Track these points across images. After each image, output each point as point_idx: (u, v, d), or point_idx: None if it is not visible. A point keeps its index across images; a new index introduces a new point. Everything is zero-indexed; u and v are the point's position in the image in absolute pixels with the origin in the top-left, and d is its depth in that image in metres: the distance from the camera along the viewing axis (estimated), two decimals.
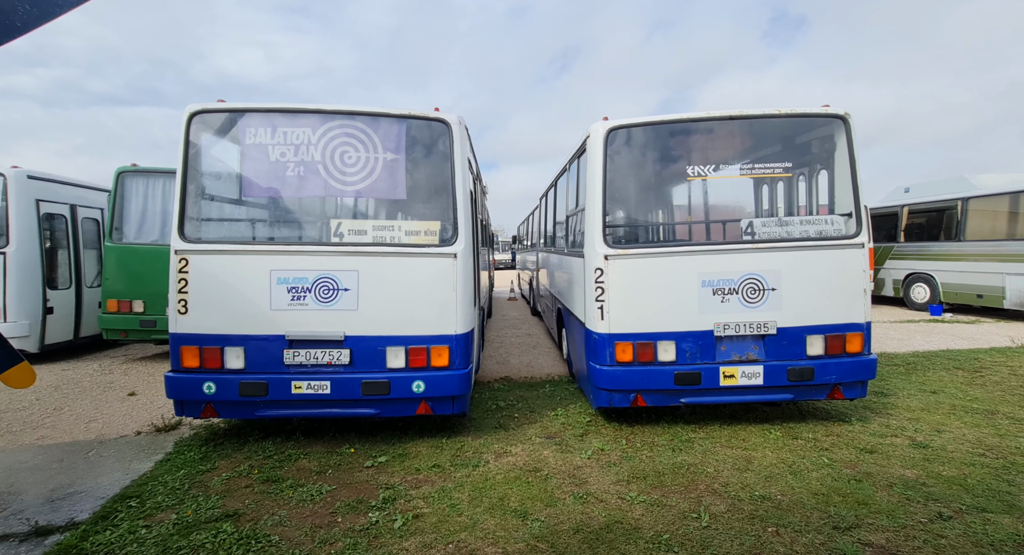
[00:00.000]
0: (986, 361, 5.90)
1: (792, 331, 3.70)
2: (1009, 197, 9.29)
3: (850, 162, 3.76)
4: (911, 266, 11.20)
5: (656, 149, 3.89)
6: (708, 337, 3.70)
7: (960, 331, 8.19)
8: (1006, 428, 3.76)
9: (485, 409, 4.51)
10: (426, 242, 3.63)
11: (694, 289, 3.69)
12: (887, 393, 4.73)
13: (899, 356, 6.32)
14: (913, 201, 11.48)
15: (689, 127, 3.84)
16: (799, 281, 3.70)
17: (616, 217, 3.86)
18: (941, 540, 2.32)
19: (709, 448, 3.51)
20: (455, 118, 3.70)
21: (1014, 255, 9.03)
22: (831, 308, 3.72)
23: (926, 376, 5.32)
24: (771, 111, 3.76)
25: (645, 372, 3.71)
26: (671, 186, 3.97)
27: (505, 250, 28.12)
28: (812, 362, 3.69)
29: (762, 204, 4.27)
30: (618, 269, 3.72)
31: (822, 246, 3.73)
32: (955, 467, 3.10)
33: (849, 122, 3.76)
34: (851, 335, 3.73)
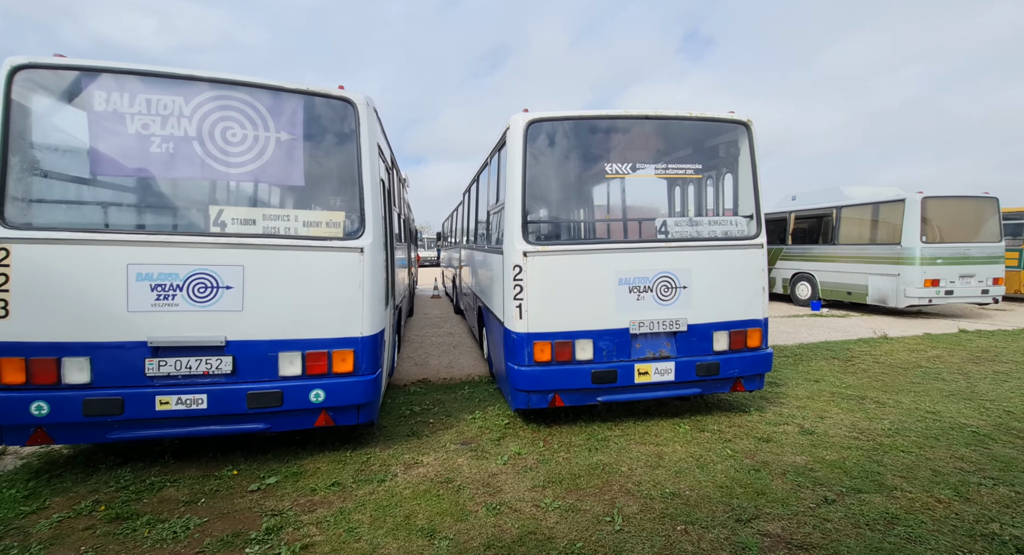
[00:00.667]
0: (856, 351, 6.69)
1: (701, 328, 3.84)
2: (871, 207, 10.73)
3: (752, 167, 3.98)
4: (796, 266, 12.56)
5: (576, 145, 3.84)
6: (624, 335, 3.72)
7: (835, 324, 9.28)
8: (873, 412, 4.22)
9: (398, 415, 4.20)
10: (328, 234, 3.24)
11: (612, 287, 3.69)
12: (779, 383, 5.14)
13: (788, 348, 6.96)
14: (798, 208, 12.87)
15: (608, 124, 3.83)
16: (707, 279, 3.85)
17: (536, 213, 3.74)
18: (827, 524, 2.47)
19: (624, 446, 3.52)
20: (362, 98, 3.34)
21: (875, 257, 10.45)
22: (734, 305, 3.92)
23: (810, 366, 5.89)
24: (683, 113, 3.86)
25: (563, 371, 3.64)
26: (590, 183, 3.96)
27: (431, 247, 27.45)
28: (718, 357, 3.86)
29: (675, 204, 4.42)
30: (537, 266, 3.61)
31: (728, 246, 3.91)
32: (836, 451, 3.38)
33: (751, 128, 3.98)
34: (751, 331, 3.96)
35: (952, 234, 9.85)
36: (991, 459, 3.23)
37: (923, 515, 2.55)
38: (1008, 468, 3.10)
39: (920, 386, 4.99)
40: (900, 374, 5.46)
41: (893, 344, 7.11)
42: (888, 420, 3.99)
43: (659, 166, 3.90)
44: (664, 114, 3.82)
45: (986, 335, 7.90)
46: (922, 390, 4.84)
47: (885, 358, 6.26)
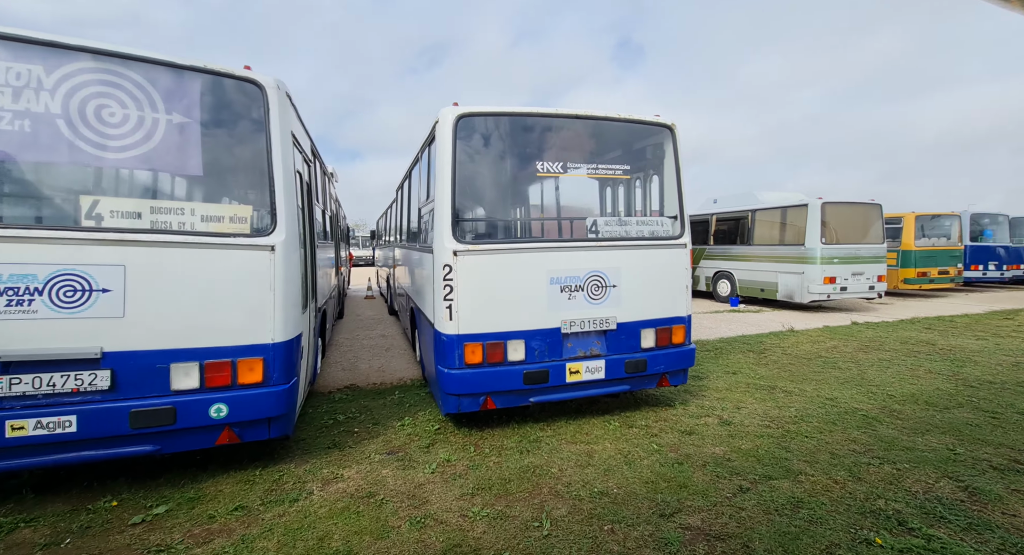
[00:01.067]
0: (768, 344, 7.25)
1: (630, 326, 3.92)
2: (780, 211, 11.74)
3: (676, 169, 4.13)
4: (718, 265, 13.47)
5: (508, 141, 3.76)
6: (556, 334, 3.70)
7: (750, 319, 10.03)
8: (782, 401, 4.55)
9: (319, 426, 3.90)
10: (233, 230, 2.91)
11: (543, 287, 3.65)
12: (702, 376, 5.42)
13: (710, 343, 7.40)
14: (719, 211, 13.82)
15: (539, 122, 3.79)
16: (635, 278, 3.93)
17: (467, 211, 3.62)
18: (742, 513, 2.58)
19: (555, 446, 3.50)
20: (271, 81, 3.03)
21: (783, 257, 11.45)
22: (660, 303, 4.04)
23: (728, 359, 6.28)
24: (611, 114, 3.92)
25: (495, 373, 3.56)
26: (522, 181, 3.91)
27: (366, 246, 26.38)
28: (645, 354, 3.96)
29: (605, 204, 4.49)
30: (468, 266, 3.49)
31: (654, 245, 4.03)
32: (750, 440, 3.58)
33: (675, 132, 4.12)
34: (676, 327, 4.11)
35: (845, 236, 11.02)
36: (878, 440, 3.58)
37: (823, 497, 2.75)
38: (891, 447, 3.45)
39: (820, 375, 5.48)
40: (804, 364, 5.98)
41: (798, 337, 7.79)
42: (794, 408, 4.32)
43: (589, 166, 3.93)
44: (593, 114, 3.86)
45: (873, 327, 8.90)
46: (822, 378, 5.32)
47: (792, 349, 6.84)
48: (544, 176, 3.77)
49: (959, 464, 3.16)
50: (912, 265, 14.15)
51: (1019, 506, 2.63)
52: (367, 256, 25.47)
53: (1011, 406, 4.34)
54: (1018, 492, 2.80)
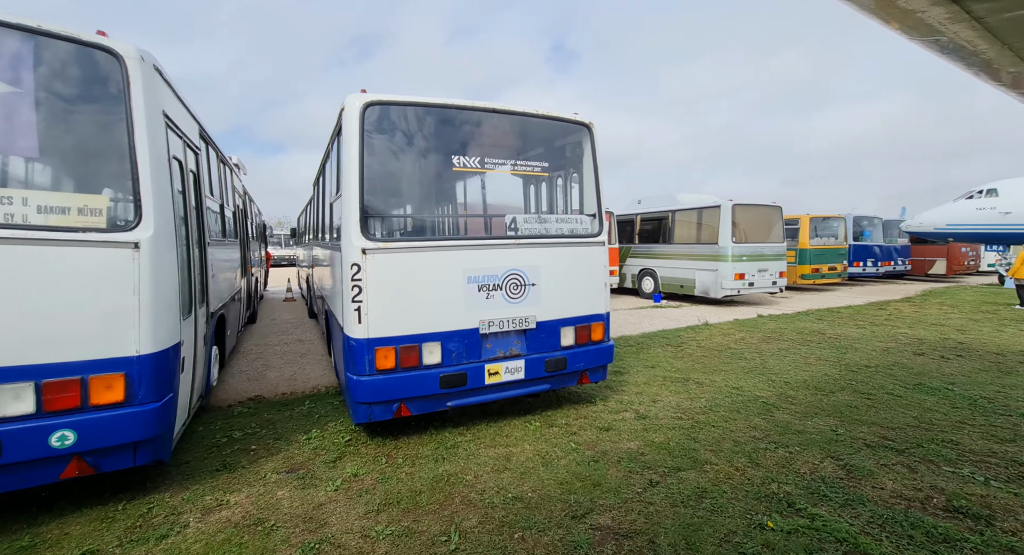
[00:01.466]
0: (684, 337, 7.66)
1: (549, 324, 3.89)
2: (697, 211, 12.52)
3: (594, 167, 4.17)
4: (642, 263, 14.11)
5: (422, 133, 3.56)
6: (474, 335, 3.58)
7: (670, 314, 10.58)
8: (694, 392, 4.78)
9: (209, 445, 3.47)
10: (82, 224, 2.46)
11: (460, 286, 3.51)
12: (622, 371, 5.57)
13: (632, 338, 7.67)
14: (643, 211, 14.49)
15: (455, 115, 3.63)
16: (555, 276, 3.91)
17: (377, 206, 3.38)
18: (650, 508, 2.62)
19: (473, 451, 3.38)
20: (133, 51, 2.60)
21: (700, 255, 12.23)
22: (580, 301, 4.06)
23: (648, 353, 6.54)
24: (529, 110, 3.86)
25: (409, 378, 3.36)
26: (437, 176, 3.73)
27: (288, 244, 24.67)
28: (565, 352, 3.96)
29: (526, 202, 4.43)
30: (378, 265, 3.26)
31: (574, 243, 4.03)
32: (663, 433, 3.70)
33: (593, 131, 4.16)
34: (595, 325, 4.15)
35: (752, 235, 11.99)
36: (774, 425, 3.84)
37: (725, 485, 2.87)
38: (785, 431, 3.71)
39: (729, 365, 5.86)
40: (715, 356, 6.36)
41: (712, 330, 8.32)
42: (704, 399, 4.55)
43: (508, 162, 3.84)
44: (510, 108, 3.77)
45: (775, 319, 9.74)
46: (730, 369, 5.68)
47: (706, 342, 7.27)
48: (461, 171, 3.62)
49: (840, 444, 3.46)
50: (808, 262, 15.75)
51: (886, 480, 2.91)
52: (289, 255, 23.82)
53: (882, 388, 4.88)
54: (886, 466, 3.10)
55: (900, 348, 6.78)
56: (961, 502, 2.64)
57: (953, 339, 7.44)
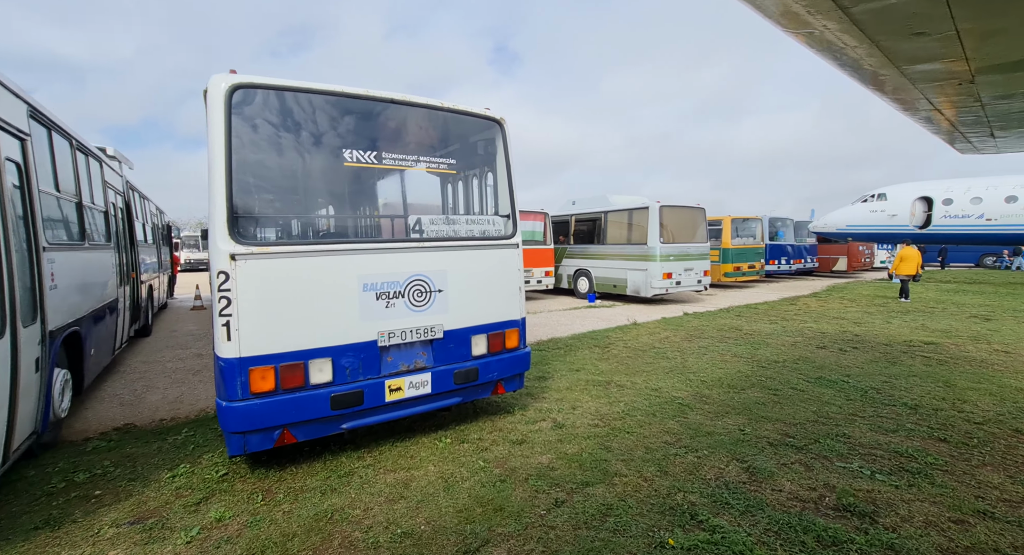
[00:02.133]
0: (612, 338, 7.72)
1: (458, 333, 3.63)
2: (627, 212, 12.84)
3: (506, 166, 3.96)
4: (577, 264, 14.27)
5: (305, 123, 3.17)
6: (372, 348, 3.24)
7: (603, 314, 10.72)
8: (615, 396, 4.73)
9: (37, 495, 2.86)
10: None
11: (355, 294, 3.16)
12: (546, 376, 5.44)
13: (562, 340, 7.62)
14: (578, 212, 14.66)
15: (345, 103, 3.27)
16: (464, 281, 3.66)
17: (249, 204, 2.95)
18: (551, 533, 2.44)
19: (369, 478, 3.05)
20: None
21: (631, 255, 12.54)
22: (492, 307, 3.84)
23: (575, 356, 6.48)
24: (434, 102, 3.58)
25: (293, 401, 2.96)
26: (325, 171, 3.34)
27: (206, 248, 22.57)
28: (476, 362, 3.72)
29: (432, 201, 4.14)
30: (252, 272, 2.83)
31: (485, 246, 3.80)
32: (578, 443, 3.56)
33: (504, 127, 3.95)
34: (509, 332, 3.95)
35: (678, 236, 12.47)
36: (687, 428, 3.84)
37: (632, 499, 2.76)
38: (696, 433, 3.72)
39: (651, 366, 5.92)
40: (640, 356, 6.42)
41: (639, 329, 8.48)
42: (623, 403, 4.50)
43: (410, 158, 3.54)
44: (412, 100, 3.47)
45: (699, 316, 10.15)
46: (652, 369, 5.73)
47: (632, 342, 7.36)
48: (355, 167, 3.27)
49: (746, 444, 3.50)
50: (730, 261, 16.73)
51: (784, 481, 2.95)
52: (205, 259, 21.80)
53: (787, 382, 5.11)
54: (785, 466, 3.16)
55: (805, 342, 7.23)
56: (849, 500, 2.70)
57: (850, 332, 8.08)
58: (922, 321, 9.18)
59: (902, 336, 7.67)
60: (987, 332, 7.90)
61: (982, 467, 3.12)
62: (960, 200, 16.06)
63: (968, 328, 8.32)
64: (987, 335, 7.66)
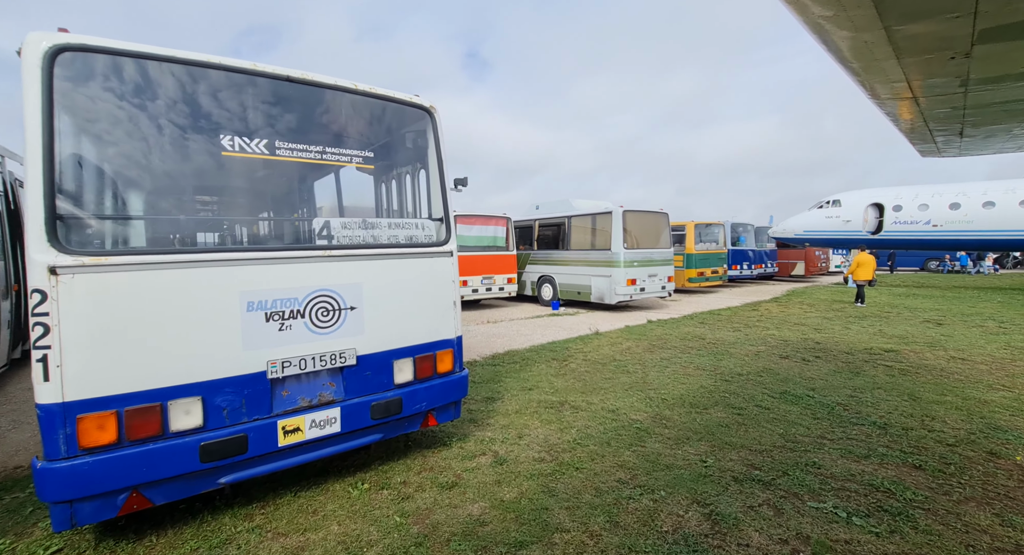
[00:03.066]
0: (572, 349, 7.27)
1: (376, 358, 3.05)
2: (590, 217, 12.52)
3: (438, 162, 3.43)
4: (541, 270, 13.85)
5: (169, 101, 2.52)
6: (259, 382, 2.61)
7: (564, 323, 10.30)
8: (568, 419, 4.24)
9: None
10: None
11: (235, 315, 2.53)
12: (496, 397, 4.91)
13: (519, 353, 7.11)
14: (541, 216, 14.26)
15: (227, 80, 2.65)
16: (385, 296, 3.09)
17: (82, 200, 2.29)
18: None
19: (250, 547, 2.42)
20: None
21: (595, 261, 12.21)
22: (420, 326, 3.28)
23: (531, 371, 5.98)
24: (346, 83, 3.01)
25: (146, 455, 2.30)
26: (197, 161, 2.70)
27: None
28: (400, 391, 3.14)
29: (349, 201, 3.55)
30: (83, 290, 2.17)
31: (412, 254, 3.25)
32: (518, 485, 3.04)
33: (436, 117, 3.42)
34: (442, 353, 3.39)
35: (642, 241, 12.24)
36: (644, 459, 3.39)
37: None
38: (654, 467, 3.26)
39: (610, 381, 5.48)
40: (599, 370, 5.98)
41: (601, 340, 8.07)
42: (576, 428, 4.02)
43: (315, 149, 2.94)
44: (316, 80, 2.89)
45: (662, 324, 9.87)
46: (610, 386, 5.29)
47: (592, 354, 6.93)
48: (237, 157, 2.65)
49: (708, 480, 3.07)
50: (694, 266, 16.72)
51: (752, 531, 2.51)
52: None
53: (752, 399, 4.76)
54: (752, 509, 2.73)
55: (769, 351, 7.00)
56: None
57: (812, 339, 7.94)
58: (879, 327, 9.19)
59: (862, 343, 7.57)
60: (941, 338, 7.92)
61: (965, 503, 2.79)
62: (908, 207, 16.65)
63: (923, 334, 8.34)
64: (942, 341, 7.66)
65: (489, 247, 12.76)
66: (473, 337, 8.58)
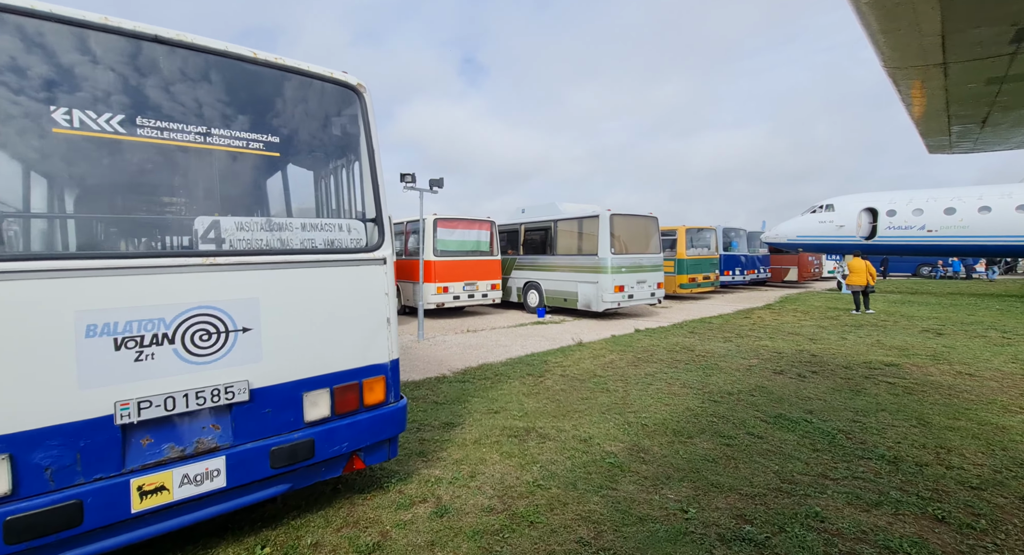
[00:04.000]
0: (551, 363, 6.70)
1: (279, 391, 2.46)
2: (577, 221, 11.99)
3: (369, 151, 2.86)
4: (527, 275, 13.29)
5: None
6: (104, 429, 2.02)
7: (548, 332, 9.73)
8: (532, 452, 3.66)
9: None
10: None
11: (66, 343, 1.93)
12: (455, 422, 4.32)
13: (493, 367, 6.53)
14: (527, 220, 13.72)
15: (68, 34, 2.06)
16: (292, 314, 2.51)
17: None
18: None
19: None
20: None
21: (581, 267, 11.67)
22: (342, 349, 2.69)
23: (501, 389, 5.40)
24: (241, 50, 2.43)
25: None
26: (12, 139, 2.10)
27: None
28: (313, 431, 2.55)
29: (255, 197, 2.95)
30: None
31: (331, 262, 2.67)
32: (453, 550, 2.45)
33: (365, 97, 2.85)
34: (371, 382, 2.81)
35: (631, 246, 11.72)
36: (614, 510, 2.82)
37: None
38: (624, 521, 2.69)
39: (587, 402, 4.91)
40: (576, 388, 5.41)
41: (583, 351, 7.51)
42: (539, 465, 3.44)
43: (198, 131, 2.36)
44: (201, 44, 2.31)
45: (650, 333, 9.33)
46: (587, 408, 4.72)
47: (572, 368, 6.36)
48: (80, 136, 2.06)
49: (688, 541, 2.50)
50: (685, 272, 16.25)
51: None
52: None
53: (743, 424, 4.21)
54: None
55: (762, 365, 6.47)
56: None
57: (807, 351, 7.43)
58: (877, 336, 8.72)
59: (860, 356, 7.07)
60: (944, 350, 7.44)
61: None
62: (903, 211, 16.30)
63: (924, 345, 7.86)
64: (945, 354, 7.18)
65: (472, 252, 12.19)
66: (448, 348, 7.99)
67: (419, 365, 6.76)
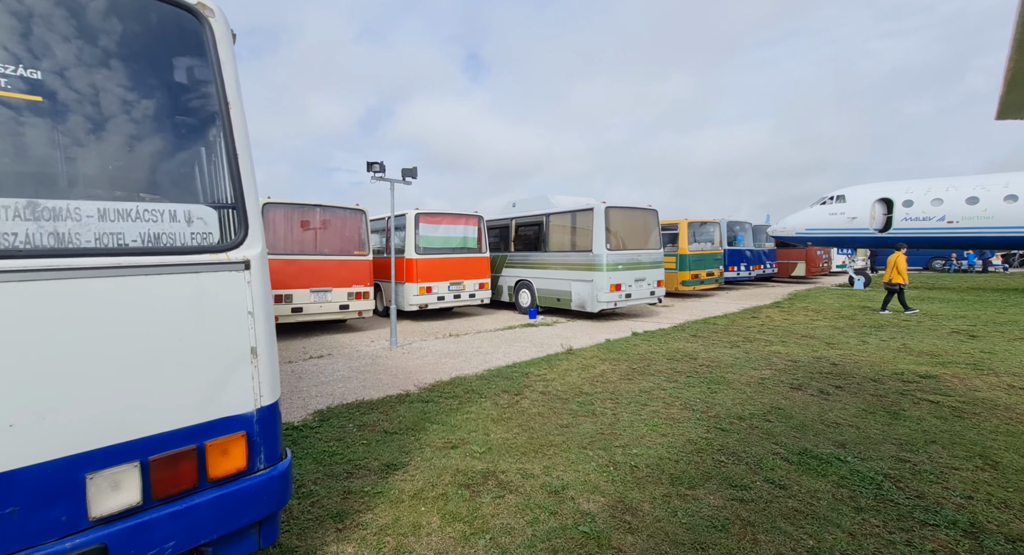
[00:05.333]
0: (532, 376, 5.80)
1: (36, 474, 1.56)
2: (570, 215, 11.05)
3: (224, 105, 1.95)
4: (519, 274, 12.38)
5: None
6: None
7: (537, 336, 8.83)
8: (485, 512, 2.77)
9: None
10: None
11: None
12: (398, 463, 3.43)
13: (465, 381, 5.64)
14: (518, 215, 12.79)
15: None
16: (70, 350, 1.61)
17: None
18: None
19: None
20: None
21: (575, 264, 10.75)
22: (165, 399, 1.79)
23: (467, 413, 4.50)
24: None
25: None
26: None
27: None
28: (108, 531, 1.66)
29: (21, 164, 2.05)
30: None
31: (148, 268, 1.77)
32: None
33: (215, 28, 1.94)
34: (221, 443, 1.90)
35: (628, 242, 10.79)
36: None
37: None
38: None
39: (567, 431, 4.02)
40: (557, 412, 4.52)
41: (572, 361, 6.60)
42: (489, 535, 2.55)
43: None
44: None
45: (649, 337, 8.41)
46: (565, 440, 3.82)
47: (556, 383, 5.46)
48: None
49: None
50: (687, 268, 15.29)
51: None
52: None
53: (760, 466, 3.31)
54: None
55: (775, 378, 5.55)
56: None
57: (826, 358, 6.50)
58: (902, 339, 7.78)
59: (888, 364, 6.14)
60: (984, 356, 6.50)
61: None
62: (920, 201, 15.27)
63: (958, 350, 6.92)
64: (986, 361, 6.24)
65: (458, 249, 11.28)
66: (421, 357, 7.11)
67: (383, 379, 5.88)
